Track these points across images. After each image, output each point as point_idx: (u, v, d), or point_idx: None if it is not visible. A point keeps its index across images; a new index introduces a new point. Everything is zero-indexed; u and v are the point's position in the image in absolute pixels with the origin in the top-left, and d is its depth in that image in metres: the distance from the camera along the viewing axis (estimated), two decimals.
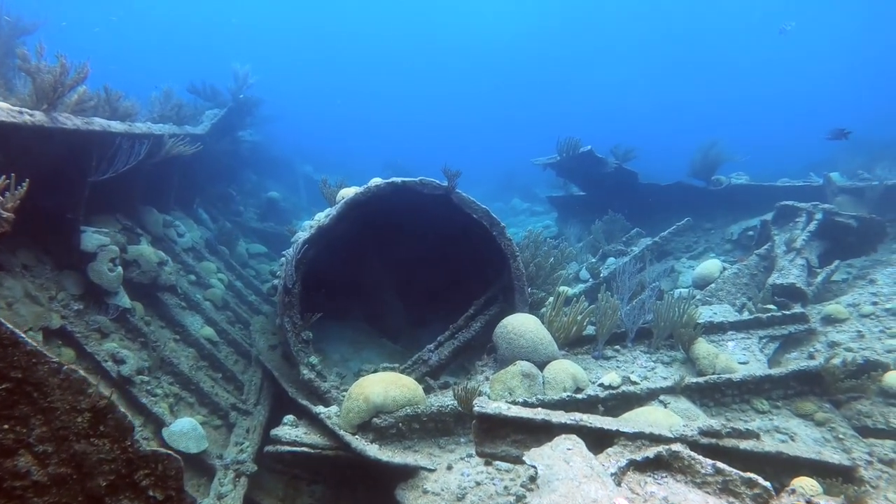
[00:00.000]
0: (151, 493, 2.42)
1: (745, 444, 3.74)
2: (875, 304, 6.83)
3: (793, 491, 2.95)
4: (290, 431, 5.21)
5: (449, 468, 4.60)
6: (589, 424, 3.70)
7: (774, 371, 5.60)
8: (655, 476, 3.28)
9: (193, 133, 9.58)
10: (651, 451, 3.38)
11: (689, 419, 4.71)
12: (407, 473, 4.62)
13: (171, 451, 2.48)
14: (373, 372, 6.41)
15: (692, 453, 3.30)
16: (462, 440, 5.04)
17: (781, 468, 3.77)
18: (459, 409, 5.00)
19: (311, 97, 49.31)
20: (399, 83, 58.17)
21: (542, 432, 3.74)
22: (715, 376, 5.57)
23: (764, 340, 6.57)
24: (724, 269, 9.19)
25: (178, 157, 8.17)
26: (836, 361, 5.53)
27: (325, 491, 5.94)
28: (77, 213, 6.06)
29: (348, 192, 6.77)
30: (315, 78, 55.51)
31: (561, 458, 3.16)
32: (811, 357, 6.31)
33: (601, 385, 5.48)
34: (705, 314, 7.30)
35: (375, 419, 5.02)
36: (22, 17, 9.90)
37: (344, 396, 5.42)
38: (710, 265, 9.36)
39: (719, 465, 3.16)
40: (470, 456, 4.70)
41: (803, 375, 5.56)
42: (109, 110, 6.86)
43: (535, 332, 5.89)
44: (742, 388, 5.51)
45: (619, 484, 3.15)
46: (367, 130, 45.57)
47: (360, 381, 5.39)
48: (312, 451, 5.06)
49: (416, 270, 8.43)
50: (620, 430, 3.62)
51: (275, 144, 19.91)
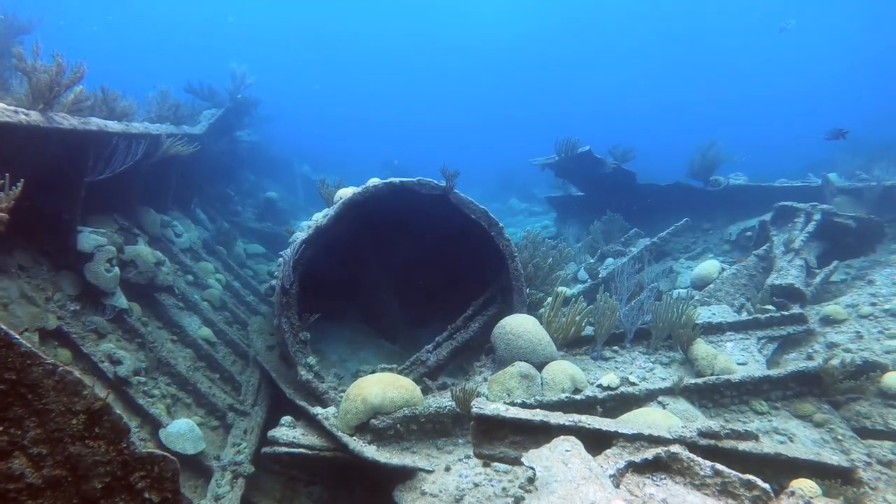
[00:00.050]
0: (147, 496, 2.40)
1: (743, 446, 3.73)
2: (874, 304, 6.82)
3: (792, 493, 2.94)
4: (288, 432, 5.19)
5: (447, 469, 4.59)
6: (587, 426, 3.69)
7: (773, 372, 5.59)
8: (654, 478, 3.26)
9: (191, 133, 9.57)
10: (650, 453, 3.37)
11: (687, 420, 4.70)
12: (405, 475, 4.60)
13: (167, 453, 2.47)
14: (371, 373, 6.39)
15: (691, 455, 3.28)
16: (460, 441, 5.02)
17: (780, 469, 3.76)
18: (457, 410, 4.98)
19: (309, 97, 49.44)
20: (398, 83, 58.31)
21: (540, 433, 3.73)
22: (714, 377, 5.55)
23: (762, 341, 6.56)
24: (723, 269, 9.17)
25: (176, 157, 8.17)
26: (835, 362, 5.51)
27: (322, 492, 5.92)
28: (74, 213, 6.03)
29: (346, 193, 6.75)
30: (314, 78, 55.58)
31: (559, 460, 3.15)
32: (810, 358, 6.30)
33: (600, 386, 5.47)
34: (704, 315, 7.30)
35: (373, 420, 5.00)
36: (19, 16, 9.90)
37: (342, 397, 5.40)
38: (709, 266, 9.35)
39: (718, 466, 3.15)
40: (468, 457, 4.68)
41: (802, 376, 5.55)
42: (106, 110, 6.84)
43: (533, 332, 5.88)
44: (741, 389, 5.50)
45: (617, 486, 3.14)
46: (366, 130, 45.72)
47: (358, 381, 5.37)
48: (310, 452, 5.03)
49: (414, 271, 8.42)
50: (619, 431, 3.61)
51: (273, 144, 19.92)
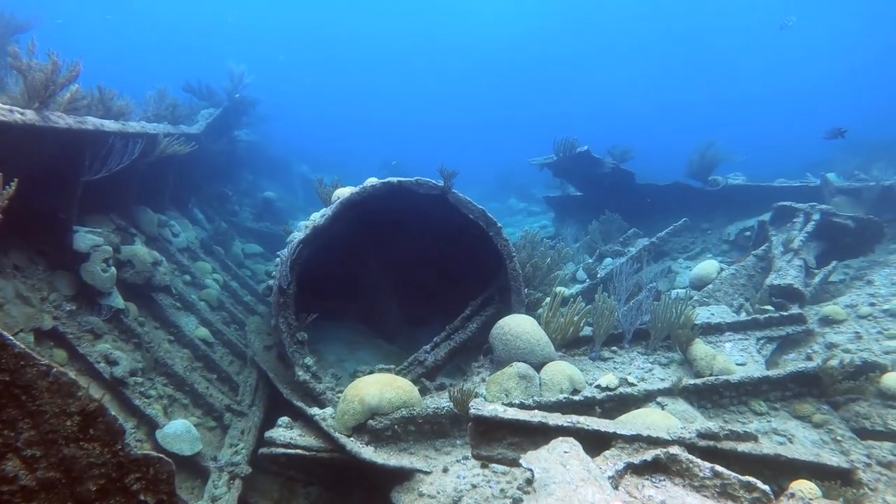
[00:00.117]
0: (143, 498, 2.39)
1: (742, 447, 3.71)
2: (873, 305, 6.81)
3: (792, 495, 2.92)
4: (285, 433, 5.16)
5: (445, 471, 4.57)
6: (586, 427, 3.67)
7: (772, 372, 5.57)
8: (653, 479, 3.24)
9: (188, 132, 9.54)
10: (649, 454, 3.35)
11: (686, 421, 4.68)
12: (402, 476, 4.58)
13: (162, 455, 2.45)
14: (368, 373, 6.37)
15: (690, 456, 3.26)
16: (458, 442, 4.99)
17: (780, 471, 3.74)
18: (455, 411, 4.96)
19: (308, 97, 49.37)
20: (397, 83, 58.26)
21: (538, 435, 3.70)
22: (712, 378, 5.53)
23: (761, 341, 6.55)
24: (722, 269, 9.16)
25: (173, 156, 8.13)
26: (834, 363, 5.50)
27: (320, 493, 5.90)
28: (70, 212, 6.00)
29: (344, 192, 6.73)
30: (313, 77, 55.56)
31: (558, 461, 3.13)
32: (809, 358, 6.29)
33: (598, 387, 5.45)
34: (703, 315, 7.28)
35: (371, 421, 4.98)
36: (16, 15, 9.85)
37: (339, 398, 5.37)
38: (708, 266, 9.33)
39: (718, 468, 3.13)
40: (466, 458, 4.66)
41: (801, 377, 5.53)
42: (103, 109, 6.80)
43: (531, 333, 5.86)
44: (740, 390, 5.48)
45: (616, 487, 3.12)
46: (365, 130, 45.66)
47: (356, 382, 5.34)
48: (307, 453, 5.01)
49: (412, 270, 8.40)
50: (618, 432, 3.59)
51: (271, 144, 19.88)
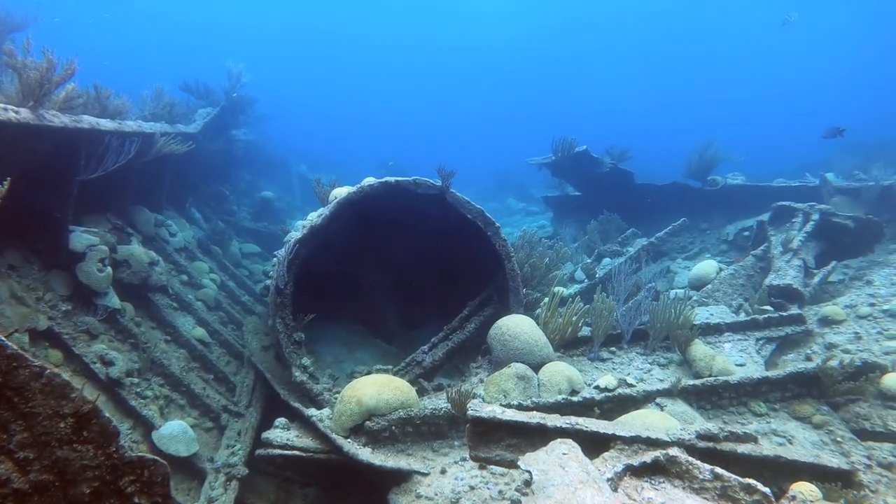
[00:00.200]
0: (137, 500, 2.36)
1: (742, 448, 3.68)
2: (872, 305, 6.79)
3: (793, 497, 2.90)
4: (282, 434, 5.13)
5: (443, 472, 4.54)
6: (585, 428, 3.64)
7: (772, 373, 5.55)
8: (653, 481, 3.21)
9: (185, 132, 9.49)
10: (648, 456, 3.32)
11: (685, 422, 4.66)
12: (400, 477, 4.55)
13: (157, 457, 2.42)
14: (366, 374, 6.34)
15: (690, 458, 3.23)
16: (456, 443, 4.96)
17: (779, 472, 3.71)
18: (453, 412, 4.93)
19: (307, 96, 49.36)
20: (396, 82, 58.29)
21: (537, 436, 3.68)
22: (712, 378, 5.51)
23: (761, 342, 6.52)
24: (721, 269, 9.13)
25: (171, 155, 8.09)
26: (834, 363, 5.47)
27: (317, 494, 5.87)
28: (65, 212, 5.96)
29: (341, 192, 6.70)
30: (311, 77, 55.51)
31: (556, 463, 3.10)
32: (808, 359, 6.27)
33: (597, 387, 5.42)
34: (702, 315, 7.26)
35: (368, 422, 4.95)
36: (13, 14, 9.79)
37: (336, 399, 5.34)
38: (707, 266, 9.30)
39: (718, 470, 3.10)
40: (464, 460, 4.63)
41: (801, 378, 5.51)
42: (99, 108, 6.77)
43: (530, 333, 5.83)
44: (739, 391, 5.45)
45: (615, 489, 3.09)
46: (364, 130, 45.66)
47: (353, 383, 5.31)
48: (304, 454, 4.98)
49: (410, 270, 8.36)
50: (617, 433, 3.56)
51: (269, 144, 19.84)
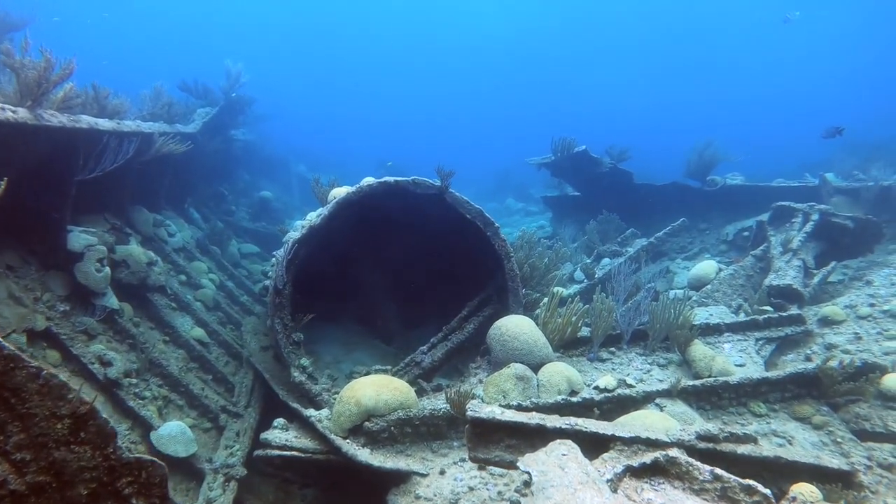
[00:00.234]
0: (134, 502, 2.36)
1: (742, 449, 3.67)
2: (872, 305, 6.78)
3: (794, 499, 2.88)
4: (281, 435, 5.11)
5: (442, 473, 4.52)
6: (584, 429, 3.62)
7: (771, 374, 5.54)
8: (652, 482, 3.20)
9: (184, 132, 9.47)
10: (648, 457, 3.30)
11: (685, 423, 4.65)
12: (399, 478, 4.53)
13: (155, 458, 2.41)
14: (365, 374, 6.33)
15: (690, 459, 3.22)
16: (455, 444, 4.95)
17: (780, 473, 3.70)
18: (452, 412, 4.92)
19: (306, 96, 49.39)
20: (396, 82, 58.35)
21: (536, 437, 3.66)
22: (711, 379, 5.49)
23: (760, 342, 6.51)
24: (720, 270, 9.12)
25: (169, 155, 8.08)
26: (834, 364, 5.46)
27: (316, 495, 5.86)
28: (63, 212, 5.94)
29: (340, 192, 6.68)
30: (310, 77, 55.54)
31: (556, 464, 3.08)
32: (808, 359, 6.25)
33: (596, 388, 5.40)
34: (701, 316, 7.25)
35: (367, 423, 4.93)
36: (11, 13, 9.76)
37: (335, 399, 5.32)
38: (706, 266, 9.29)
39: (718, 471, 3.08)
40: (463, 460, 4.61)
41: (800, 378, 5.49)
42: (97, 108, 6.75)
43: (529, 333, 5.81)
44: (739, 391, 5.43)
45: (615, 491, 3.08)
46: (363, 130, 45.67)
47: (352, 383, 5.29)
48: (303, 455, 4.96)
49: (409, 271, 8.34)
50: (616, 434, 3.54)
51: (268, 144, 19.82)
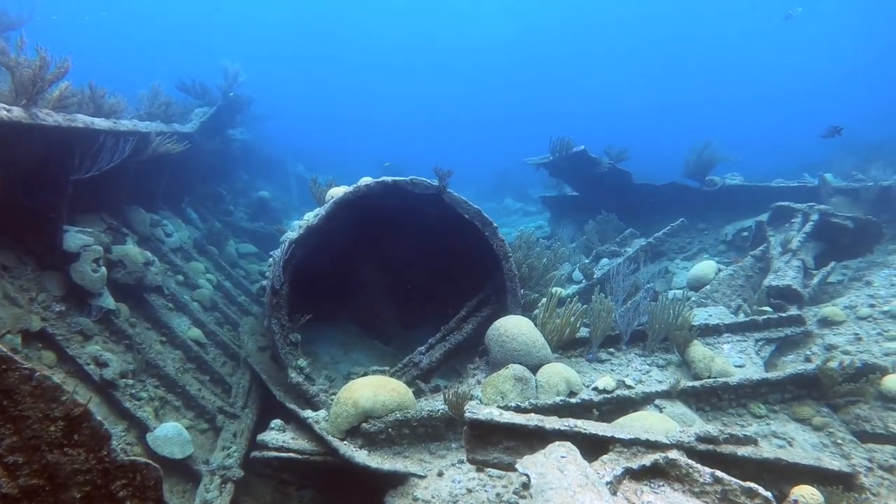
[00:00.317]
0: None
1: (742, 451, 3.64)
2: (872, 306, 6.75)
3: (795, 501, 2.85)
4: (278, 436, 5.08)
5: (440, 475, 4.49)
6: (583, 431, 3.59)
7: (771, 375, 5.51)
8: (652, 485, 3.17)
9: (182, 131, 9.44)
10: (647, 459, 3.28)
11: (685, 424, 4.62)
12: (397, 480, 4.50)
13: (149, 461, 2.38)
14: (362, 375, 6.29)
15: (690, 461, 3.20)
16: (453, 446, 4.92)
17: (780, 475, 3.67)
18: (450, 414, 4.88)
19: (304, 96, 49.33)
20: (395, 82, 58.28)
21: (535, 438, 3.63)
22: (711, 380, 5.47)
23: (760, 343, 6.48)
24: (719, 270, 9.09)
25: (166, 155, 8.04)
26: (834, 364, 5.44)
27: (313, 497, 5.82)
28: (59, 211, 5.90)
29: (337, 192, 6.65)
30: (309, 77, 55.49)
31: (554, 466, 3.05)
32: (808, 360, 6.23)
33: (595, 389, 5.37)
34: (700, 316, 7.22)
35: (364, 424, 4.90)
36: (8, 12, 9.70)
37: (333, 400, 5.29)
38: (705, 266, 9.25)
39: (718, 473, 3.06)
40: (461, 462, 4.58)
41: (800, 379, 5.47)
42: (94, 107, 6.71)
43: (527, 334, 5.78)
44: (739, 392, 5.41)
45: (614, 493, 3.05)
46: (362, 130, 45.61)
47: (349, 384, 5.26)
48: (300, 456, 4.93)
49: (407, 271, 8.30)
50: (616, 436, 3.52)
51: (266, 143, 19.76)
